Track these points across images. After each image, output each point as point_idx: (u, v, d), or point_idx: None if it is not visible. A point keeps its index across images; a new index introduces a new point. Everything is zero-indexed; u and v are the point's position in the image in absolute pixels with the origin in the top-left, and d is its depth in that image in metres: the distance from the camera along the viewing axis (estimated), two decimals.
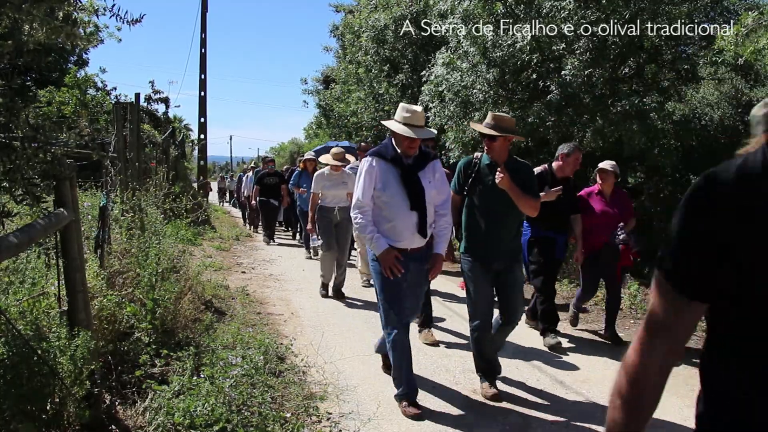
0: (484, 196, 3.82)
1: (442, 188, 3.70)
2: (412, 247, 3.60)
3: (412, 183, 3.53)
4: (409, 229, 3.54)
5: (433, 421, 3.46)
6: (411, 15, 13.24)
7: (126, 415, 2.94)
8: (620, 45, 7.94)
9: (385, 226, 3.57)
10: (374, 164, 3.57)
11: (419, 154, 3.62)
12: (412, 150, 3.56)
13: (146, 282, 4.11)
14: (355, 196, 3.58)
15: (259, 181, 12.04)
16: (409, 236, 3.55)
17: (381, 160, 3.57)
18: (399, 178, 3.53)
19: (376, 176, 3.55)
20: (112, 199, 4.99)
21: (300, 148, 30.64)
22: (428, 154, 3.72)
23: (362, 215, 3.56)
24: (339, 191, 6.70)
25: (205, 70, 16.97)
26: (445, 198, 3.74)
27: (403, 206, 3.51)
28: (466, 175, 3.94)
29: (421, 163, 3.61)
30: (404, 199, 3.51)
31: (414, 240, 3.58)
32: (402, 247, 3.56)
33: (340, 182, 6.70)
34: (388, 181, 3.53)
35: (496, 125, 3.76)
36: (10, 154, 2.07)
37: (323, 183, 6.67)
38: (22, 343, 2.33)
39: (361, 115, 15.19)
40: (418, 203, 3.52)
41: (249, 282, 7.32)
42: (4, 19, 1.92)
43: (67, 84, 11.63)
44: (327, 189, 6.67)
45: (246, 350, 3.87)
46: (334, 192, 6.70)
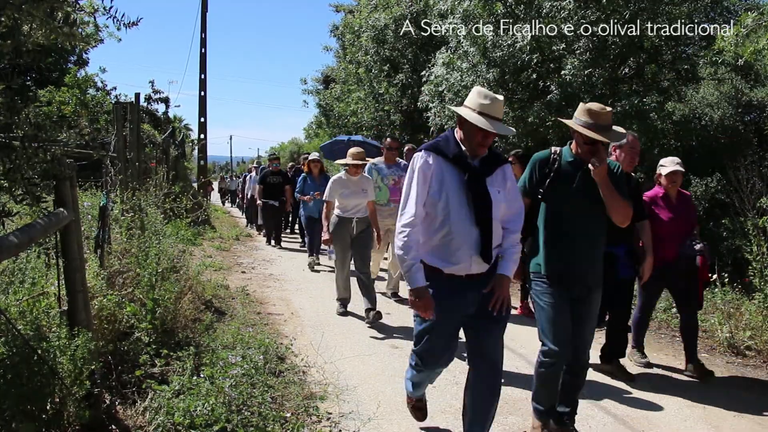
0: (567, 201, 3.12)
1: (513, 201, 2.88)
2: (470, 272, 2.77)
3: (479, 191, 2.73)
4: (469, 249, 2.72)
5: (433, 421, 3.46)
6: (411, 15, 13.25)
7: (126, 415, 2.94)
8: (620, 45, 7.95)
9: (435, 241, 2.76)
10: (431, 162, 2.76)
11: (488, 155, 2.82)
12: (483, 148, 2.77)
13: (146, 282, 4.11)
14: (407, 207, 2.74)
15: (262, 180, 11.33)
16: (467, 259, 2.73)
17: (440, 157, 2.76)
18: (462, 183, 2.72)
19: (432, 177, 2.74)
20: (112, 199, 4.99)
21: (300, 148, 30.67)
22: (499, 156, 2.90)
23: (412, 234, 2.70)
24: (358, 200, 5.69)
25: (205, 70, 16.97)
26: (517, 213, 2.91)
27: (463, 220, 2.70)
28: (542, 174, 3.21)
29: (490, 167, 2.80)
30: (466, 211, 2.71)
31: (473, 264, 2.75)
32: (456, 272, 2.76)
33: (359, 189, 5.67)
34: (446, 185, 2.72)
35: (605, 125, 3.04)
36: (10, 153, 2.07)
37: (340, 190, 5.66)
38: (22, 343, 2.33)
39: (361, 114, 15.19)
40: (484, 218, 2.72)
41: (249, 282, 7.32)
42: (4, 20, 1.92)
43: (67, 84, 11.64)
44: (344, 197, 5.66)
45: (246, 350, 3.87)
46: (352, 201, 5.68)
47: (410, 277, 2.71)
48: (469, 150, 2.77)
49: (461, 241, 2.71)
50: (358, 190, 5.68)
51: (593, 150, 3.05)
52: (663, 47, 8.28)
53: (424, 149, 2.82)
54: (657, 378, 4.45)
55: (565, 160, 3.20)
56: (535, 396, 3.35)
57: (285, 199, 11.09)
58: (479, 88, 2.82)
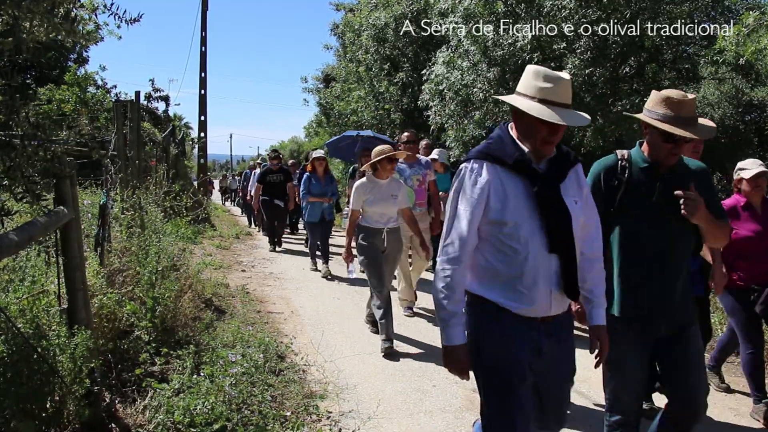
0: (645, 218, 2.44)
1: (591, 213, 2.23)
2: (548, 314, 2.11)
3: (554, 205, 2.06)
4: (547, 283, 2.07)
5: (433, 420, 3.46)
6: (411, 13, 13.24)
7: (126, 414, 2.94)
8: (621, 44, 7.94)
9: (502, 276, 2.09)
10: (486, 174, 2.07)
11: (556, 154, 2.15)
12: (550, 147, 2.09)
13: (146, 280, 4.11)
14: (450, 237, 2.09)
15: (262, 179, 10.38)
16: (545, 296, 2.07)
17: (496, 165, 2.08)
18: (530, 196, 2.05)
19: (490, 194, 2.06)
20: (112, 197, 4.99)
21: (300, 147, 30.65)
22: (569, 154, 2.21)
23: (456, 274, 2.08)
24: (387, 208, 4.78)
25: (206, 69, 16.96)
26: (596, 230, 2.26)
27: (537, 245, 2.04)
28: (609, 187, 2.50)
29: (560, 170, 2.13)
30: (539, 234, 2.04)
31: (552, 302, 2.09)
32: (530, 314, 2.09)
33: (389, 195, 4.77)
34: (510, 201, 2.05)
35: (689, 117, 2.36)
36: (9, 152, 2.07)
37: (365, 197, 4.75)
38: (22, 342, 2.33)
39: (361, 113, 15.18)
40: (563, 239, 2.06)
41: (249, 280, 7.32)
42: (4, 17, 1.92)
43: (67, 82, 11.64)
44: (370, 205, 4.75)
45: (246, 349, 3.88)
46: (381, 208, 4.76)
47: (447, 330, 2.10)
48: (532, 151, 2.09)
49: (537, 274, 2.05)
50: (387, 196, 4.75)
51: (675, 151, 2.39)
52: (664, 46, 8.27)
53: (473, 157, 2.12)
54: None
55: (637, 167, 2.50)
56: None
57: (288, 199, 10.28)
58: (536, 68, 2.09)
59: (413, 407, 3.64)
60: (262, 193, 10.34)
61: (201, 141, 17.30)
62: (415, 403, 3.71)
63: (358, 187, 4.81)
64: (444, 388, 3.96)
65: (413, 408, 3.63)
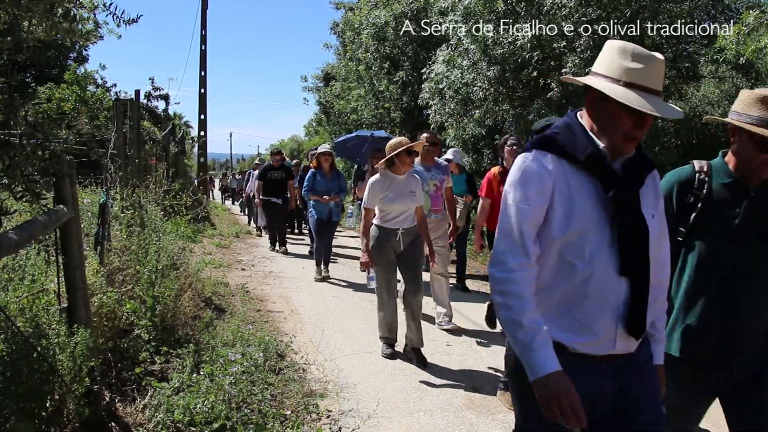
0: (726, 244, 2.02)
1: (664, 230, 1.82)
2: (613, 352, 1.67)
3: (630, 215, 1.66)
4: (614, 313, 1.64)
5: (433, 419, 3.46)
6: (411, 12, 13.23)
7: (126, 412, 2.94)
8: None
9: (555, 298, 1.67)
10: (551, 168, 1.66)
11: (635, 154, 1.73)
12: (632, 144, 1.67)
13: (146, 279, 4.11)
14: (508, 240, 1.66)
15: (263, 176, 10.02)
16: (609, 328, 1.64)
17: (563, 160, 1.67)
18: (603, 203, 1.64)
19: (554, 194, 1.65)
20: (112, 196, 4.99)
21: (300, 146, 30.65)
22: (646, 156, 1.80)
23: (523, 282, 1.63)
24: (405, 205, 4.41)
25: (206, 67, 16.95)
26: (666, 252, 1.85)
27: (603, 262, 1.62)
28: (682, 203, 2.10)
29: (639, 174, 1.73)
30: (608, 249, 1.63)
31: (618, 338, 1.66)
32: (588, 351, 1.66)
33: (407, 191, 4.42)
34: (577, 206, 1.63)
35: None
36: (9, 151, 2.07)
37: (381, 194, 4.39)
38: (22, 341, 2.33)
39: (361, 112, 15.18)
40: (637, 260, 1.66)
41: (249, 279, 7.32)
42: (3, 16, 1.91)
43: (66, 80, 11.63)
44: (387, 202, 4.39)
45: (246, 347, 3.88)
46: (397, 206, 4.40)
47: (531, 355, 1.56)
48: (609, 147, 1.66)
49: (602, 300, 1.62)
50: (405, 192, 4.40)
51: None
52: (664, 45, 8.27)
53: (535, 147, 1.71)
54: None
55: (719, 182, 2.07)
56: None
57: (289, 197, 9.93)
58: (622, 44, 1.65)
59: (413, 406, 3.65)
60: (263, 191, 10.01)
61: (201, 140, 17.31)
62: (415, 401, 3.71)
63: (374, 184, 4.42)
64: (444, 387, 3.96)
65: (413, 407, 3.64)
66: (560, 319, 1.66)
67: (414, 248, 4.50)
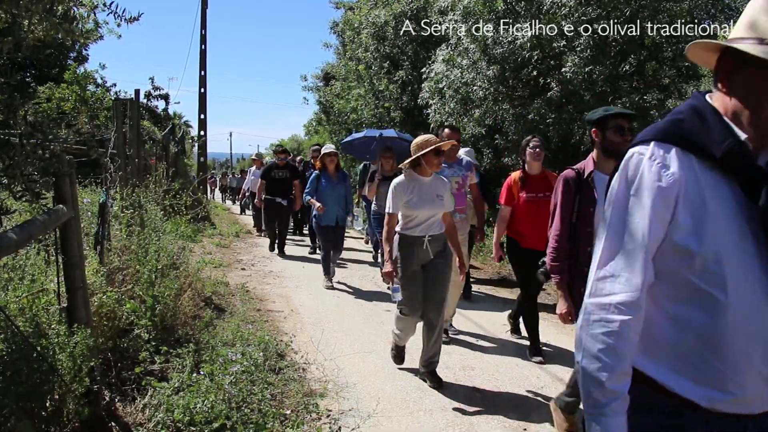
0: None
1: None
2: (757, 411, 1.26)
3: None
4: (763, 359, 1.22)
5: (432, 418, 3.46)
6: (411, 12, 13.22)
7: (125, 412, 2.94)
8: (621, 42, 7.94)
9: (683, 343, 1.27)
10: (675, 166, 1.25)
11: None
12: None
13: (146, 279, 4.11)
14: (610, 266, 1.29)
15: (266, 175, 9.55)
16: (755, 381, 1.23)
17: (691, 155, 1.26)
18: (745, 211, 1.22)
19: (679, 199, 1.24)
20: (112, 196, 4.99)
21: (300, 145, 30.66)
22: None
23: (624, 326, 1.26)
24: (432, 209, 3.99)
25: (205, 67, 16.96)
26: None
27: (749, 292, 1.21)
28: None
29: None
30: (758, 274, 1.21)
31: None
32: (734, 410, 1.25)
33: (434, 195, 4.00)
34: (709, 216, 1.22)
35: None
36: (9, 150, 2.07)
37: (406, 197, 3.96)
38: (22, 340, 2.33)
39: (361, 111, 15.17)
40: None
41: (249, 279, 7.32)
42: (3, 15, 1.91)
43: (66, 80, 11.61)
44: (412, 206, 3.95)
45: (246, 347, 3.88)
46: (424, 211, 3.98)
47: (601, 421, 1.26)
48: (753, 137, 1.24)
49: (749, 341, 1.22)
50: (432, 196, 3.99)
51: None
52: (664, 44, 8.26)
53: (653, 138, 1.29)
54: None
55: None
56: None
57: (293, 197, 9.43)
58: None
59: (413, 405, 3.65)
60: (265, 191, 9.53)
61: (201, 139, 17.32)
62: (415, 401, 3.72)
63: (397, 187, 3.99)
64: (444, 387, 3.96)
65: (413, 406, 3.64)
66: (692, 368, 1.26)
67: (442, 258, 4.07)
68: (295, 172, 9.63)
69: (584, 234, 3.01)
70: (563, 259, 3.10)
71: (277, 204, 9.48)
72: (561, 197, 3.12)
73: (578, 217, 3.06)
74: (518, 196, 4.70)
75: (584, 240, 2.99)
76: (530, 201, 4.62)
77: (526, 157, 4.66)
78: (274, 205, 9.50)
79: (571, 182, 3.12)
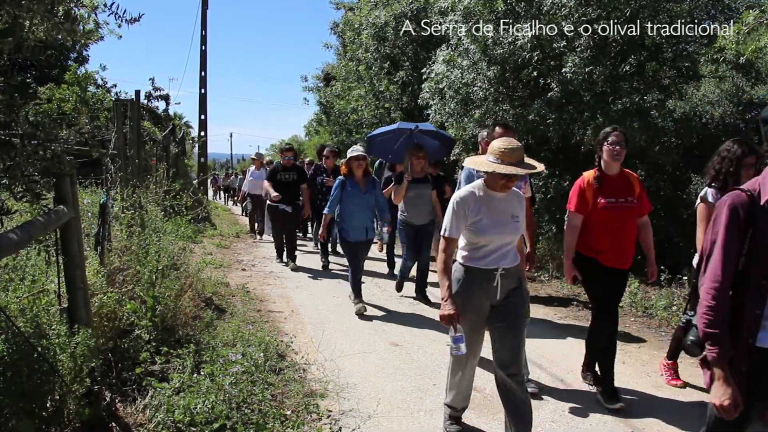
0: None
1: None
2: None
3: None
4: None
5: (433, 419, 3.46)
6: (411, 12, 13.24)
7: (126, 413, 2.94)
8: (621, 43, 7.94)
9: None
10: None
11: None
12: None
13: (146, 279, 4.11)
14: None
15: (272, 177, 8.43)
16: None
17: None
18: None
19: None
20: (113, 197, 4.99)
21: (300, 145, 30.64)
22: None
23: None
24: (506, 235, 3.03)
25: (206, 68, 16.97)
26: None
27: None
28: None
29: None
30: None
31: None
32: None
33: (508, 215, 3.04)
34: None
35: None
36: (9, 151, 2.07)
37: (474, 217, 3.00)
38: (22, 341, 2.33)
39: (361, 112, 15.18)
40: None
41: (249, 279, 7.32)
42: (4, 16, 1.92)
43: (67, 81, 11.61)
44: (483, 231, 2.98)
45: (246, 348, 3.88)
46: (495, 236, 3.00)
47: None
48: None
49: None
50: (506, 216, 3.02)
51: None
52: (664, 45, 8.27)
53: None
54: None
55: None
56: None
57: (302, 203, 8.43)
58: None
59: (413, 406, 3.65)
60: None
61: (201, 140, 17.33)
62: (415, 401, 3.72)
63: (461, 203, 2.98)
64: (444, 387, 3.95)
65: (413, 406, 3.64)
66: None
67: (516, 297, 3.08)
68: (302, 174, 8.55)
69: (757, 287, 2.05)
70: (723, 323, 2.05)
71: (282, 212, 8.33)
72: (724, 232, 2.09)
73: (749, 262, 2.07)
74: (593, 201, 3.77)
75: (756, 295, 2.05)
76: (610, 208, 3.73)
77: (602, 154, 3.81)
78: (278, 212, 8.36)
79: (742, 210, 2.07)
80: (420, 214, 6.34)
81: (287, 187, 8.30)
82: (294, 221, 8.62)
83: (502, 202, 3.03)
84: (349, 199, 5.97)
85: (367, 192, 6.04)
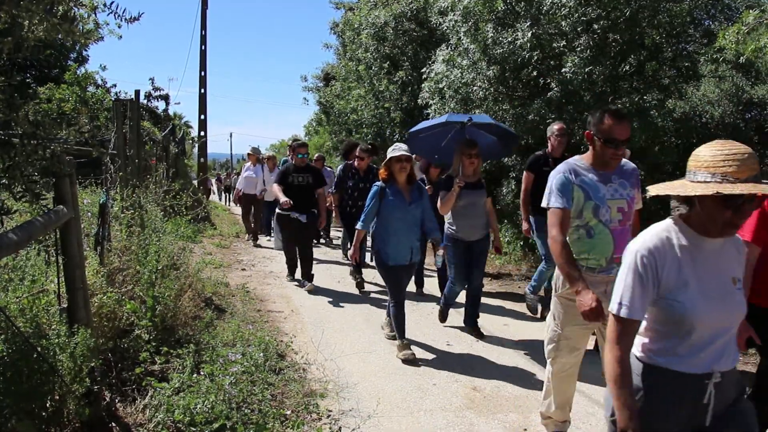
0: None
1: None
2: None
3: None
4: None
5: (433, 418, 3.46)
6: (411, 12, 13.23)
7: (126, 413, 2.94)
8: (621, 43, 7.94)
9: None
10: None
11: None
12: None
13: (146, 279, 4.11)
14: None
15: (282, 180, 6.91)
16: None
17: None
18: None
19: None
20: (112, 196, 4.99)
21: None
22: None
23: None
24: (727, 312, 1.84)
25: (205, 68, 16.96)
26: None
27: None
28: None
29: None
30: None
31: None
32: None
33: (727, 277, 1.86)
34: None
35: None
36: (9, 151, 2.07)
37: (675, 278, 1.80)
38: (22, 341, 2.33)
39: (361, 112, 15.18)
40: None
41: (249, 279, 7.32)
42: (3, 16, 1.92)
43: (67, 81, 11.61)
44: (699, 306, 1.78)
45: (246, 347, 3.88)
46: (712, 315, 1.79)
47: None
48: None
49: None
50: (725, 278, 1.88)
51: None
52: (664, 45, 8.27)
53: None
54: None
55: None
56: None
57: (318, 212, 7.00)
58: None
59: (413, 405, 3.65)
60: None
61: (201, 140, 17.32)
62: (415, 401, 3.72)
63: (652, 255, 1.82)
64: (444, 387, 3.96)
65: (413, 406, 3.64)
66: None
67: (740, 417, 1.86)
68: (318, 176, 7.08)
69: None
70: None
71: (295, 221, 6.85)
72: None
73: None
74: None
75: None
76: None
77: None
78: (290, 222, 6.88)
79: None
80: (473, 228, 5.15)
81: (300, 191, 6.83)
82: (309, 233, 7.15)
83: (718, 255, 1.85)
84: (390, 212, 4.64)
85: (413, 202, 4.69)
